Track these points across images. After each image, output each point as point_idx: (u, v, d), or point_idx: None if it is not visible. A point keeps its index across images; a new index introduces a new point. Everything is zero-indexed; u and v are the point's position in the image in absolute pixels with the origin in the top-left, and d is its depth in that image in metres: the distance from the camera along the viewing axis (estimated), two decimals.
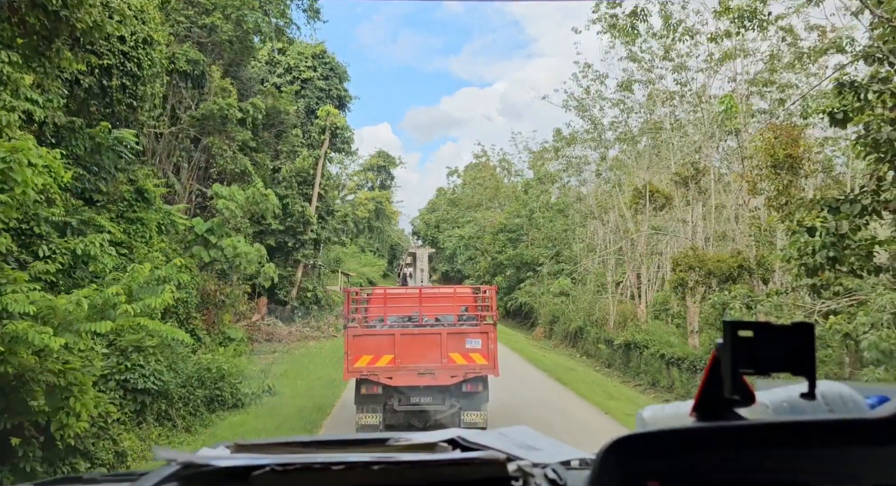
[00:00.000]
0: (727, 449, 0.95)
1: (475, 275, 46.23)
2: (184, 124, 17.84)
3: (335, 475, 1.09)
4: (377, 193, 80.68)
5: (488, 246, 41.98)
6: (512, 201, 44.12)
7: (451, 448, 1.36)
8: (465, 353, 9.17)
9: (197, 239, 14.95)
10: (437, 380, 9.05)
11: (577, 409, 13.25)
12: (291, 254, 29.45)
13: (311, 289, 29.46)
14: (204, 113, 17.39)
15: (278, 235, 29.01)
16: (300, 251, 29.27)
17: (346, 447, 1.46)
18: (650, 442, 0.97)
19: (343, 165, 34.71)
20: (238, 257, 14.86)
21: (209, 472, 1.19)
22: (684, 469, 0.93)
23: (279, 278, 28.67)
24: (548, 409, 12.46)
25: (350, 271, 59.26)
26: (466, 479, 1.18)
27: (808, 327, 0.96)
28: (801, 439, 0.94)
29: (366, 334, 9.50)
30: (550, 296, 33.17)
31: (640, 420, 1.27)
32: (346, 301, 10.04)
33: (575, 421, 11.58)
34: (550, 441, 1.56)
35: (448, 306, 10.46)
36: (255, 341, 22.09)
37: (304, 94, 33.04)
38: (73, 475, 2.46)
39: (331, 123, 30.02)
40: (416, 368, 9.01)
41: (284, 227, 28.84)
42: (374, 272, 67.27)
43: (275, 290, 28.53)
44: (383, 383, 9.03)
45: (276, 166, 29.43)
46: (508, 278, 39.39)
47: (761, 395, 1.07)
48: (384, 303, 10.42)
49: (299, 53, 33.68)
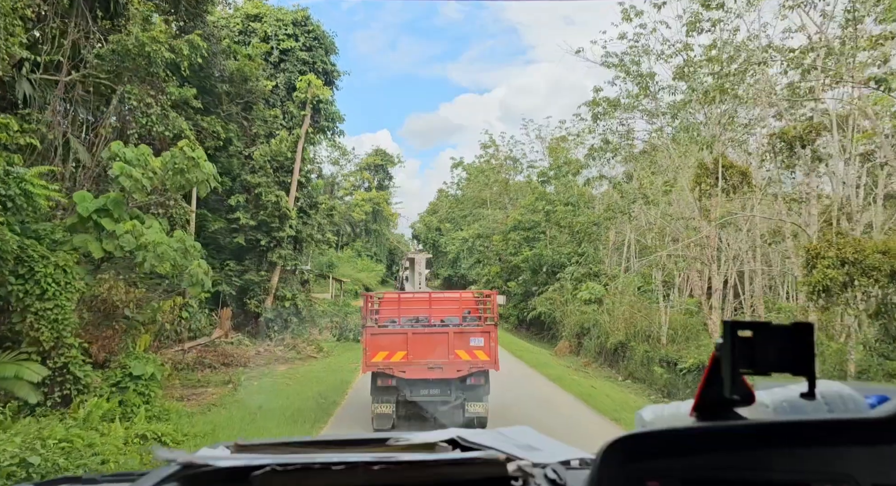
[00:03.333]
0: (727, 449, 0.95)
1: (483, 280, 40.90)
2: (90, 68, 12.63)
3: (335, 475, 1.11)
4: (374, 193, 75.56)
5: (500, 247, 36.61)
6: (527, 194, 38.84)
7: (451, 448, 1.37)
8: (470, 350, 9.91)
9: (83, 223, 9.71)
10: (445, 374, 9.86)
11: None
12: (265, 255, 24.20)
13: (289, 297, 24.19)
14: (116, 49, 12.18)
15: (248, 232, 23.81)
16: (275, 252, 24.02)
17: (346, 447, 1.45)
18: (650, 442, 0.97)
19: (333, 146, 29.03)
20: (144, 249, 9.60)
21: (209, 472, 1.20)
22: (684, 469, 0.94)
23: (249, 285, 23.45)
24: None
25: (344, 276, 53.90)
26: (466, 479, 1.19)
27: (808, 326, 0.94)
28: (801, 439, 0.94)
29: (382, 334, 10.20)
30: (577, 304, 27.88)
31: (640, 420, 1.26)
32: (365, 304, 10.89)
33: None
34: (550, 441, 1.58)
35: (453, 309, 11.34)
36: (205, 367, 16.80)
37: (284, 67, 27.90)
38: (73, 476, 1.86)
39: (313, 95, 24.83)
40: (426, 363, 9.85)
41: (257, 222, 23.62)
42: (371, 278, 61.96)
43: (244, 299, 23.28)
44: (397, 376, 9.80)
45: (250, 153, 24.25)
46: (524, 284, 34.07)
47: (761, 395, 1.06)
48: (398, 306, 11.27)
49: (278, 20, 28.56)
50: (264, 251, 24.23)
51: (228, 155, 24.84)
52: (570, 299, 29.35)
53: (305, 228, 25.60)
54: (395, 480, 1.13)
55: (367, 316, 10.61)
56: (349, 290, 54.29)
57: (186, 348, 18.75)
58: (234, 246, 24.04)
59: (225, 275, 23.12)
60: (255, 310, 23.31)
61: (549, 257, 31.98)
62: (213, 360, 17.47)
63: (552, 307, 30.30)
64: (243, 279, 23.30)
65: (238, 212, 23.30)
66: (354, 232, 73.39)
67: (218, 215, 24.12)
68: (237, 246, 24.02)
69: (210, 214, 23.35)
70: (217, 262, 23.87)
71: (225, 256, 24.47)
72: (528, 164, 40.62)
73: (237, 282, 22.99)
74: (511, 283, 35.51)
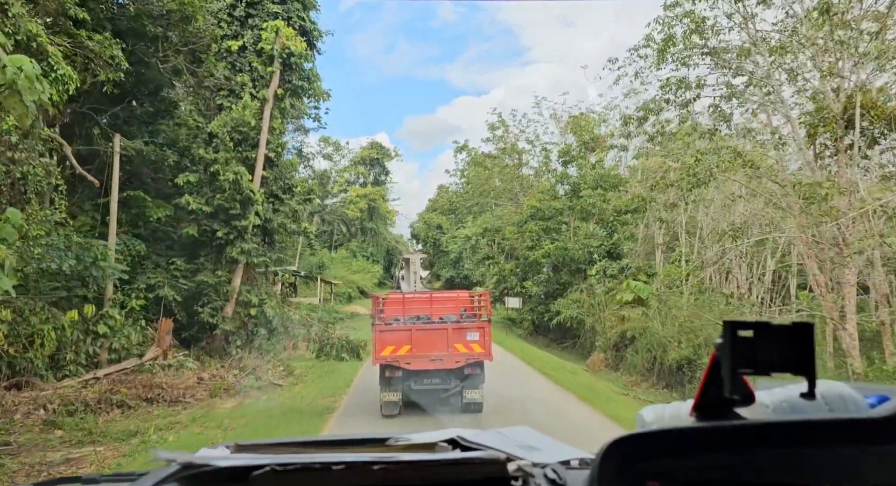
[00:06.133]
0: (727, 449, 0.95)
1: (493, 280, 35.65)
2: None
3: (335, 475, 1.10)
4: (370, 189, 70.36)
5: (513, 241, 31.34)
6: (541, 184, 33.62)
7: (450, 448, 1.36)
8: (467, 344, 10.99)
9: None
10: (445, 365, 10.93)
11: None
12: (224, 250, 19.04)
13: (255, 304, 19.00)
14: None
15: (202, 221, 18.66)
16: (236, 245, 18.85)
17: (346, 447, 1.44)
18: (650, 442, 0.97)
19: (318, 121, 23.79)
20: None
21: (209, 472, 1.18)
22: (684, 469, 0.94)
23: (202, 288, 18.29)
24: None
25: (336, 278, 48.64)
26: (466, 479, 1.19)
27: (808, 326, 0.94)
28: (801, 439, 0.94)
29: (389, 331, 11.17)
30: (614, 307, 22.75)
31: (640, 420, 1.25)
32: (374, 305, 12.11)
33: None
34: (550, 441, 1.56)
35: (451, 308, 12.40)
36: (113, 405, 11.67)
37: (253, 23, 22.69)
38: (73, 476, 2.04)
39: (282, 47, 19.68)
40: (429, 355, 10.89)
41: (213, 208, 18.48)
42: (366, 280, 56.71)
43: (195, 307, 18.12)
44: (403, 367, 10.87)
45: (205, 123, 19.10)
46: (544, 283, 28.86)
47: (761, 395, 1.05)
48: (402, 306, 12.29)
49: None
50: (222, 245, 19.07)
51: (175, 123, 19.72)
52: (602, 301, 24.20)
53: (276, 215, 20.42)
54: (395, 480, 1.13)
55: (376, 315, 11.57)
56: (341, 293, 49.01)
57: (101, 376, 13.61)
58: (187, 239, 18.91)
59: (170, 275, 17.98)
60: (211, 320, 18.13)
61: (574, 250, 26.82)
62: (132, 394, 12.31)
63: (580, 311, 25.15)
64: (194, 281, 18.14)
65: (186, 195, 18.16)
66: (349, 231, 68.21)
67: (165, 201, 18.99)
68: (190, 239, 18.88)
69: (150, 199, 18.22)
70: (163, 259, 18.74)
71: (174, 252, 19.33)
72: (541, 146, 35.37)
73: (185, 284, 17.83)
74: (527, 282, 30.31)
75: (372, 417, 11.11)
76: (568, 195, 27.09)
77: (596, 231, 26.43)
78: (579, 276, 27.09)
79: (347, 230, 67.87)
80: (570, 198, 26.99)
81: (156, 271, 17.94)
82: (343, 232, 67.44)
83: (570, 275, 27.49)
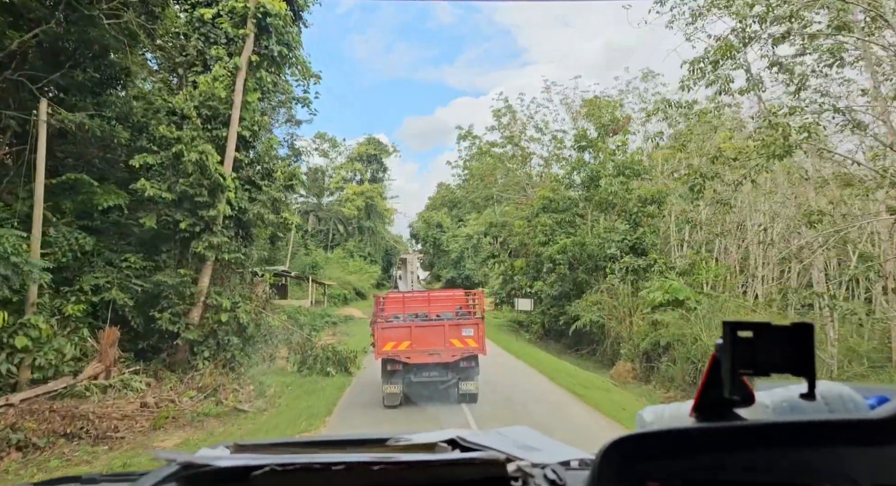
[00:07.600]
0: (727, 449, 0.94)
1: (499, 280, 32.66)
2: None
3: (335, 476, 1.09)
4: (367, 186, 67.36)
5: (523, 236, 28.35)
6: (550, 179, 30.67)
7: (450, 448, 1.35)
8: (462, 339, 11.83)
9: None
10: (442, 358, 11.82)
11: None
12: (189, 244, 16.13)
13: (227, 308, 16.06)
14: None
15: (163, 210, 15.75)
16: (203, 239, 15.95)
17: (346, 447, 1.43)
18: (650, 442, 0.97)
19: (279, 82, 20.33)
20: None
21: (209, 472, 1.17)
22: (684, 469, 0.93)
23: (162, 290, 15.36)
24: None
25: (331, 279, 45.64)
26: (466, 479, 1.17)
27: (808, 327, 0.93)
28: (801, 439, 0.93)
29: (390, 327, 12.02)
30: (646, 309, 19.85)
31: (640, 421, 1.24)
32: (376, 304, 13.15)
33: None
34: (550, 442, 1.54)
35: (448, 306, 13.31)
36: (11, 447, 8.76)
37: None
38: (73, 476, 1.62)
39: (257, 5, 16.75)
40: (427, 350, 11.77)
41: (176, 195, 15.58)
42: (363, 281, 53.72)
43: (151, 312, 15.17)
44: (403, 361, 11.78)
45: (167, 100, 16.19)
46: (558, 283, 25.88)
47: (761, 395, 1.04)
48: (402, 304, 13.29)
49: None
50: (187, 239, 16.16)
51: (132, 95, 16.78)
52: (628, 303, 21.29)
53: (253, 205, 17.48)
54: (395, 480, 1.12)
55: (377, 314, 12.57)
56: (336, 295, 46.04)
57: (15, 403, 10.66)
58: (146, 233, 15.99)
59: (123, 275, 15.06)
60: (171, 328, 15.21)
61: (592, 245, 23.89)
62: (44, 429, 9.39)
63: (602, 314, 22.22)
64: (151, 281, 15.21)
65: (143, 180, 15.24)
66: (346, 230, 65.20)
67: (118, 186, 16.05)
68: (149, 233, 15.96)
69: (98, 184, 15.27)
70: (117, 256, 15.81)
71: (131, 247, 16.38)
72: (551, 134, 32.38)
73: (140, 285, 14.90)
74: (539, 282, 27.34)
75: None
76: (585, 184, 24.20)
77: (617, 225, 23.51)
78: (598, 274, 24.18)
79: (344, 229, 64.87)
80: (588, 187, 24.08)
81: (105, 269, 15.02)
82: (340, 231, 64.45)
83: (588, 273, 24.56)
